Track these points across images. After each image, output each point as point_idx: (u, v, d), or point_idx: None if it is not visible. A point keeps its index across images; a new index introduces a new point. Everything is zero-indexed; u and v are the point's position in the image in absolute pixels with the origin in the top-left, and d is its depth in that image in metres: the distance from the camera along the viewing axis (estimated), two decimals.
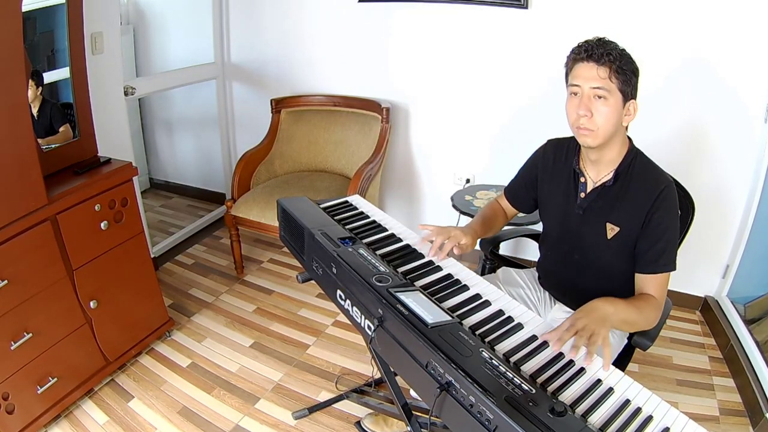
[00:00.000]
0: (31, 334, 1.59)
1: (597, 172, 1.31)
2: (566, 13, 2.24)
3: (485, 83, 2.51)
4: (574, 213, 1.35)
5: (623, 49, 1.19)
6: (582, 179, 1.34)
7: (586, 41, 1.20)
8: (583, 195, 1.34)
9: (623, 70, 1.17)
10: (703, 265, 2.40)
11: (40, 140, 1.68)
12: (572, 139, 1.38)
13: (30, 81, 1.67)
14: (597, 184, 1.31)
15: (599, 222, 1.30)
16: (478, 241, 1.78)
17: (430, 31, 2.53)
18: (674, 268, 1.24)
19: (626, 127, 1.27)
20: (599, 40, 1.19)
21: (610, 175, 1.28)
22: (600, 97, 1.18)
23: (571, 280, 1.44)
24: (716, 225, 2.30)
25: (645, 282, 1.26)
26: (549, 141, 1.47)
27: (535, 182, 1.47)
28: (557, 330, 1.05)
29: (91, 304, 1.79)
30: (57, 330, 1.70)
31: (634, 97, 1.21)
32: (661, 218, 1.22)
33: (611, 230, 1.28)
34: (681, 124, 2.22)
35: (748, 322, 2.16)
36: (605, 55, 1.16)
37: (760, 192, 2.15)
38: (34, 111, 1.73)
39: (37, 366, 1.65)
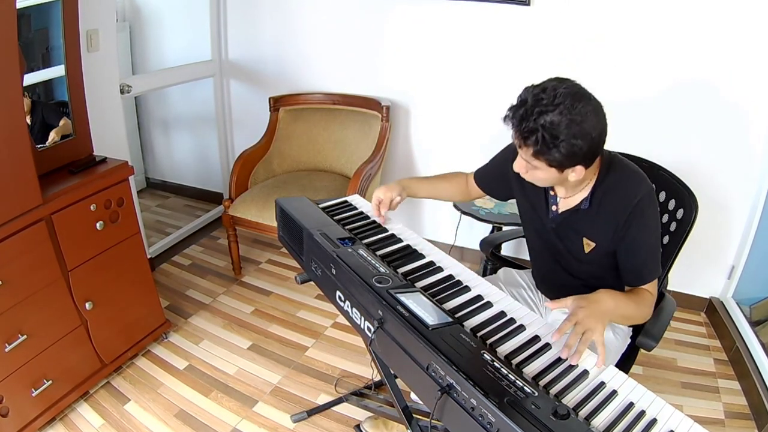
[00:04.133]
0: (25, 336, 1.57)
1: (566, 191, 1.24)
2: (568, 10, 2.22)
3: (487, 81, 2.49)
4: (548, 227, 1.31)
5: (561, 112, 1.00)
6: (552, 192, 1.28)
7: (519, 99, 1.06)
8: (554, 208, 1.28)
9: (548, 150, 1.03)
10: (708, 266, 2.38)
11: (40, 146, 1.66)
12: None
13: None
14: (570, 207, 1.24)
15: (576, 237, 1.26)
16: (479, 242, 1.77)
17: (430, 28, 2.51)
18: (659, 272, 1.22)
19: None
20: (535, 100, 1.02)
21: (585, 200, 1.21)
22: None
23: (562, 285, 1.40)
24: (721, 225, 2.29)
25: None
26: None
27: (506, 179, 1.38)
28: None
29: (87, 305, 1.77)
30: (52, 332, 1.68)
31: (580, 163, 1.08)
32: (635, 233, 1.17)
33: (588, 245, 1.25)
34: (687, 122, 2.19)
35: (754, 324, 2.14)
36: (529, 135, 1.03)
37: (766, 192, 2.13)
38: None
39: (31, 368, 1.63)
